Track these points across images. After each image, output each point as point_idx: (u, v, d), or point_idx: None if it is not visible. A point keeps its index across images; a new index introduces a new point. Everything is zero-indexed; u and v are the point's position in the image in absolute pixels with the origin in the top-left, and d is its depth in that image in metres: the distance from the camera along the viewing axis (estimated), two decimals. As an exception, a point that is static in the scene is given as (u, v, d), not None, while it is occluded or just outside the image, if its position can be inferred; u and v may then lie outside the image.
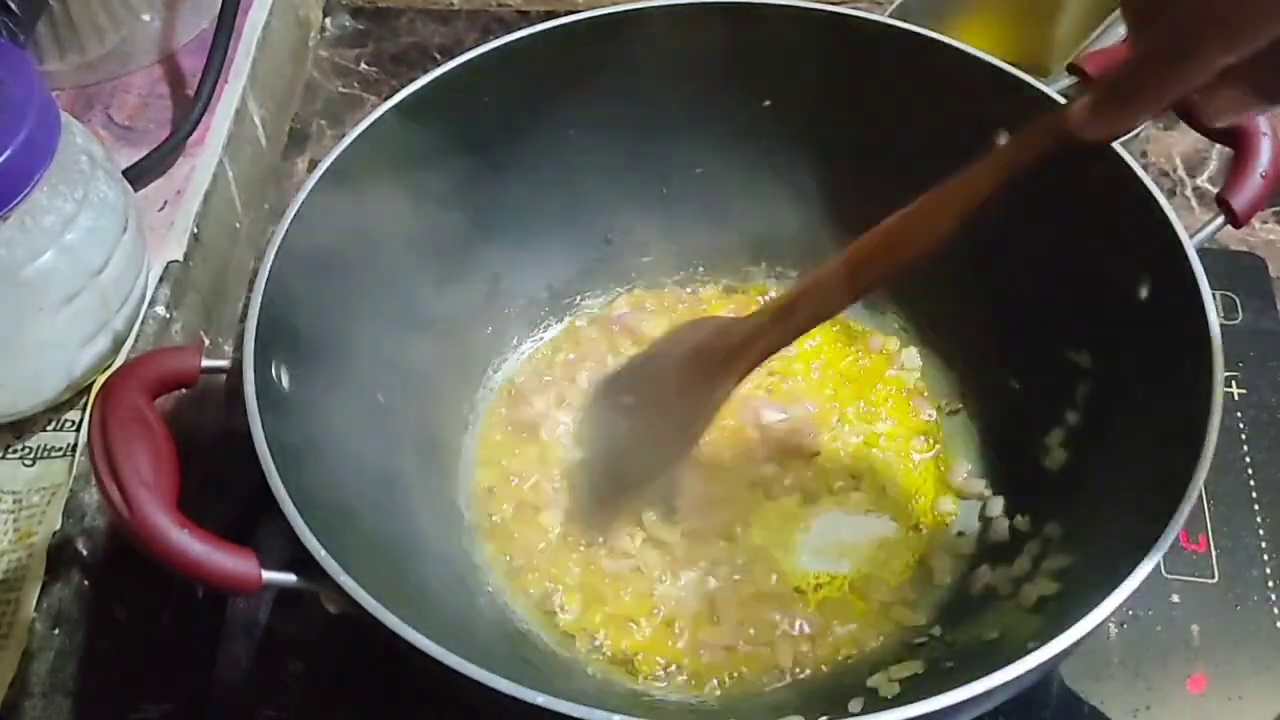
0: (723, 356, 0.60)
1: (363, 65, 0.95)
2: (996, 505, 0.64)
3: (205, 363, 0.52)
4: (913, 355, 0.71)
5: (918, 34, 0.64)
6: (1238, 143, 0.56)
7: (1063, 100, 0.60)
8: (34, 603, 0.56)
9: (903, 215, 0.55)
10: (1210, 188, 0.83)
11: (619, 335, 0.73)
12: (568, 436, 0.69)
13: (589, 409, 0.69)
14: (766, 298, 0.75)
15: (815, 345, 0.72)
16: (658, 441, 0.65)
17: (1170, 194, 0.83)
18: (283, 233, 0.56)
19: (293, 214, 0.57)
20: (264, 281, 0.54)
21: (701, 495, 0.66)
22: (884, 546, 0.64)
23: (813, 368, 0.71)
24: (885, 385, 0.71)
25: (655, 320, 0.74)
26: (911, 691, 0.55)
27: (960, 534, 0.64)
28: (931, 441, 0.68)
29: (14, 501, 0.60)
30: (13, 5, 0.68)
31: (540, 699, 0.43)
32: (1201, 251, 0.55)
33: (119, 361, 0.63)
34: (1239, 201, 0.56)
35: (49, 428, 0.62)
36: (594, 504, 0.66)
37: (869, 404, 0.70)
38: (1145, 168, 0.60)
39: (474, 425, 0.70)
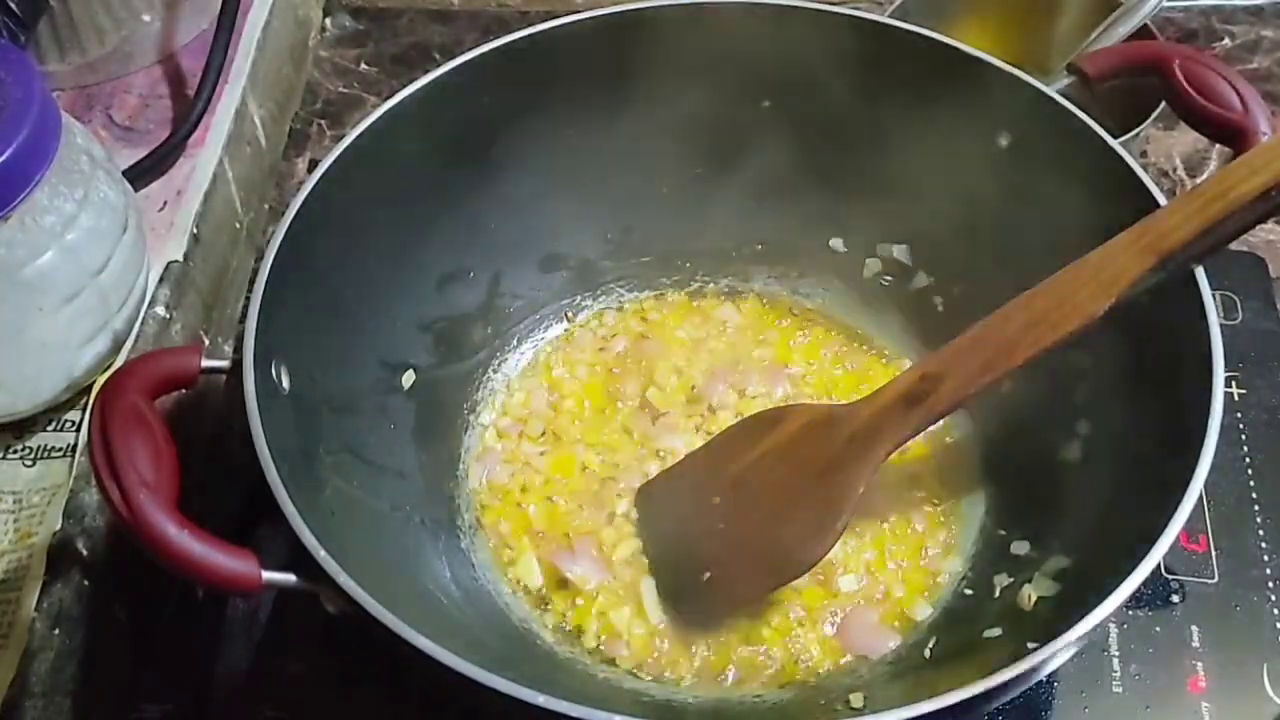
0: (846, 449, 0.58)
1: (363, 65, 0.95)
2: (996, 507, 0.64)
3: (205, 363, 0.52)
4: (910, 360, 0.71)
5: (918, 34, 0.64)
6: (1237, 143, 0.56)
7: (1063, 100, 0.60)
8: (34, 603, 0.56)
9: (1043, 292, 0.54)
10: (1210, 188, 0.83)
11: (619, 335, 0.74)
12: (567, 436, 0.69)
13: (656, 509, 0.65)
14: (770, 303, 0.75)
15: (808, 341, 0.73)
16: (783, 543, 0.60)
17: (1170, 194, 0.82)
18: (283, 233, 0.56)
19: (293, 214, 0.57)
20: (264, 281, 0.54)
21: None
22: (886, 548, 0.64)
23: (812, 368, 0.72)
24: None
25: (655, 320, 0.74)
26: (912, 690, 0.55)
27: (962, 538, 0.64)
28: (932, 448, 0.68)
29: (14, 501, 0.60)
30: (13, 6, 0.68)
31: (540, 699, 0.43)
32: (1202, 251, 0.55)
33: (119, 361, 0.63)
34: (1239, 202, 0.56)
35: (49, 428, 0.62)
36: (689, 617, 0.62)
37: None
38: (1145, 168, 0.60)
39: (473, 425, 0.70)
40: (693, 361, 0.71)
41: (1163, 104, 0.64)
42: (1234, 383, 0.71)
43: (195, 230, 0.70)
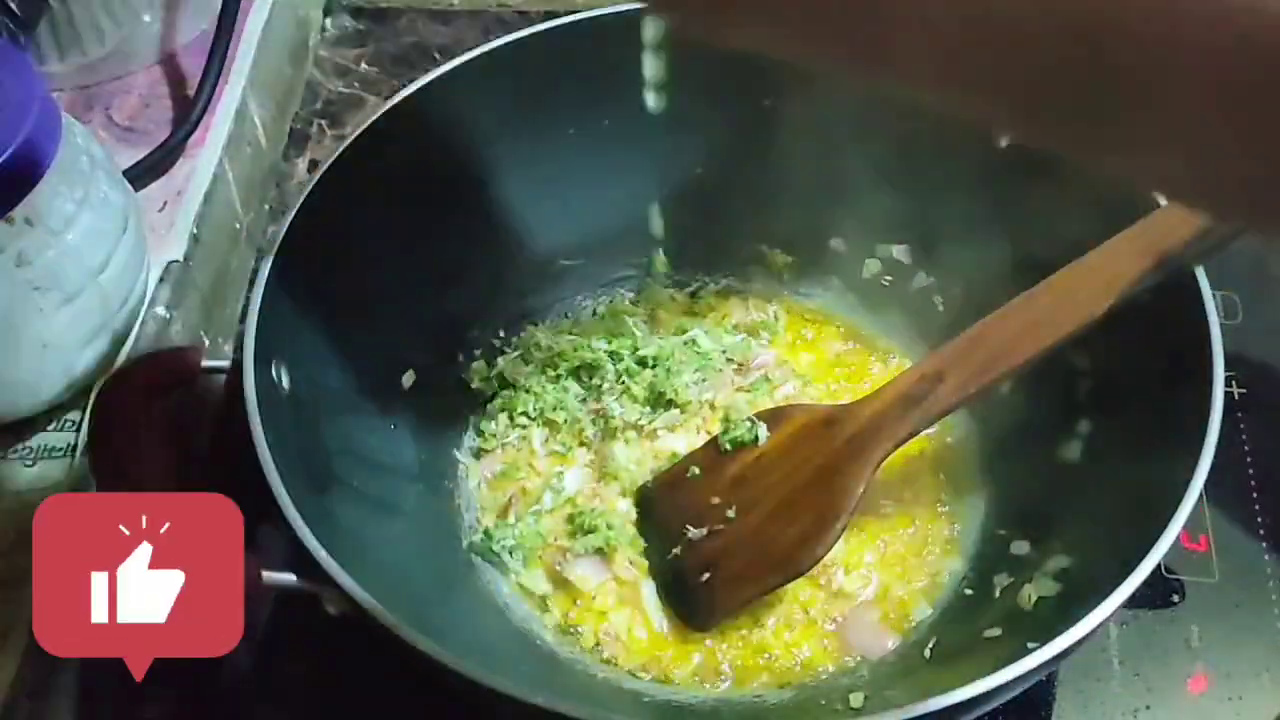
0: (846, 449, 0.58)
1: (363, 65, 0.95)
2: (996, 507, 0.64)
3: (205, 363, 0.52)
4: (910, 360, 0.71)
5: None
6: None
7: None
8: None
9: (1042, 292, 0.54)
10: (1210, 188, 0.83)
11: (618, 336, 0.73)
12: (568, 436, 0.69)
13: (656, 509, 0.65)
14: (770, 303, 0.75)
15: (813, 360, 0.73)
16: (783, 543, 0.60)
17: (1170, 194, 0.83)
18: (283, 233, 0.56)
19: (293, 214, 0.57)
20: (264, 281, 0.54)
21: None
22: (886, 548, 0.64)
23: (812, 367, 0.72)
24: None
25: (656, 321, 0.74)
26: (912, 690, 0.55)
27: (962, 538, 0.64)
28: (932, 447, 0.68)
29: (14, 501, 0.60)
30: (13, 6, 0.68)
31: (540, 699, 0.43)
32: (1202, 251, 0.55)
33: (119, 361, 0.63)
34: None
35: (49, 428, 0.62)
36: (688, 610, 0.62)
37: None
38: (1145, 168, 0.59)
39: (474, 424, 0.70)
40: (693, 361, 0.71)
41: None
42: (1234, 383, 0.71)
43: (195, 230, 0.70)
